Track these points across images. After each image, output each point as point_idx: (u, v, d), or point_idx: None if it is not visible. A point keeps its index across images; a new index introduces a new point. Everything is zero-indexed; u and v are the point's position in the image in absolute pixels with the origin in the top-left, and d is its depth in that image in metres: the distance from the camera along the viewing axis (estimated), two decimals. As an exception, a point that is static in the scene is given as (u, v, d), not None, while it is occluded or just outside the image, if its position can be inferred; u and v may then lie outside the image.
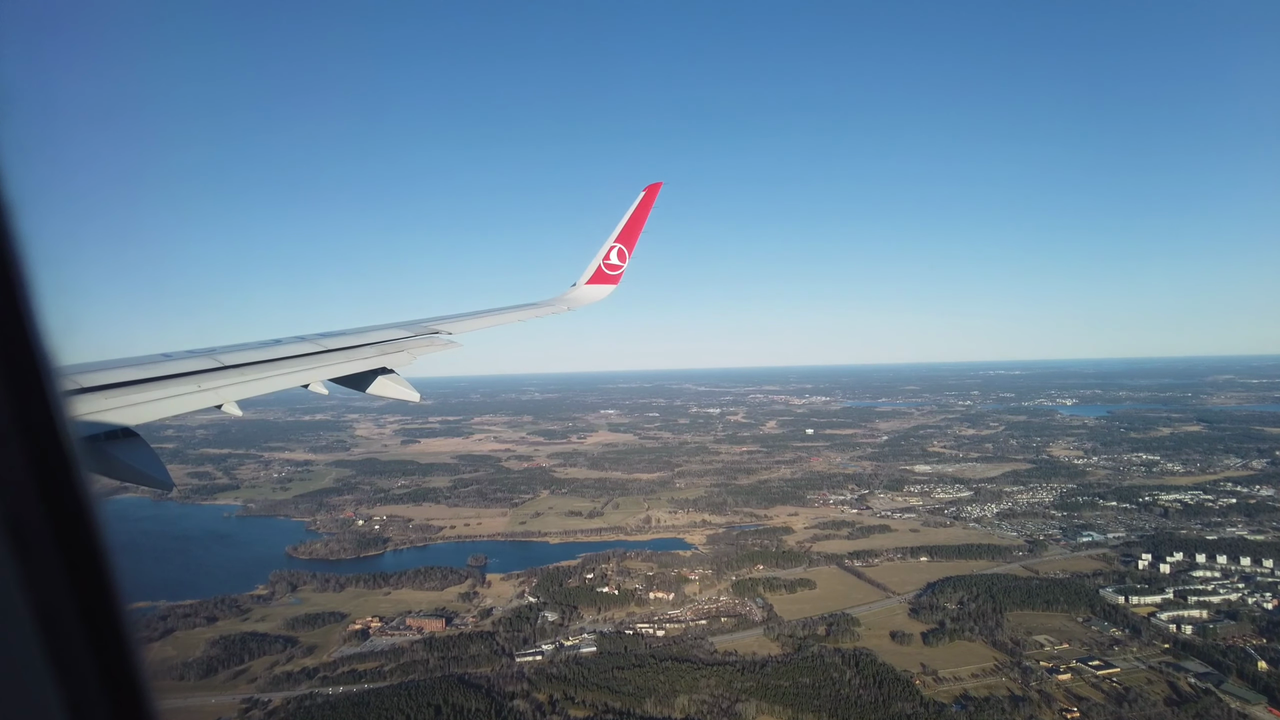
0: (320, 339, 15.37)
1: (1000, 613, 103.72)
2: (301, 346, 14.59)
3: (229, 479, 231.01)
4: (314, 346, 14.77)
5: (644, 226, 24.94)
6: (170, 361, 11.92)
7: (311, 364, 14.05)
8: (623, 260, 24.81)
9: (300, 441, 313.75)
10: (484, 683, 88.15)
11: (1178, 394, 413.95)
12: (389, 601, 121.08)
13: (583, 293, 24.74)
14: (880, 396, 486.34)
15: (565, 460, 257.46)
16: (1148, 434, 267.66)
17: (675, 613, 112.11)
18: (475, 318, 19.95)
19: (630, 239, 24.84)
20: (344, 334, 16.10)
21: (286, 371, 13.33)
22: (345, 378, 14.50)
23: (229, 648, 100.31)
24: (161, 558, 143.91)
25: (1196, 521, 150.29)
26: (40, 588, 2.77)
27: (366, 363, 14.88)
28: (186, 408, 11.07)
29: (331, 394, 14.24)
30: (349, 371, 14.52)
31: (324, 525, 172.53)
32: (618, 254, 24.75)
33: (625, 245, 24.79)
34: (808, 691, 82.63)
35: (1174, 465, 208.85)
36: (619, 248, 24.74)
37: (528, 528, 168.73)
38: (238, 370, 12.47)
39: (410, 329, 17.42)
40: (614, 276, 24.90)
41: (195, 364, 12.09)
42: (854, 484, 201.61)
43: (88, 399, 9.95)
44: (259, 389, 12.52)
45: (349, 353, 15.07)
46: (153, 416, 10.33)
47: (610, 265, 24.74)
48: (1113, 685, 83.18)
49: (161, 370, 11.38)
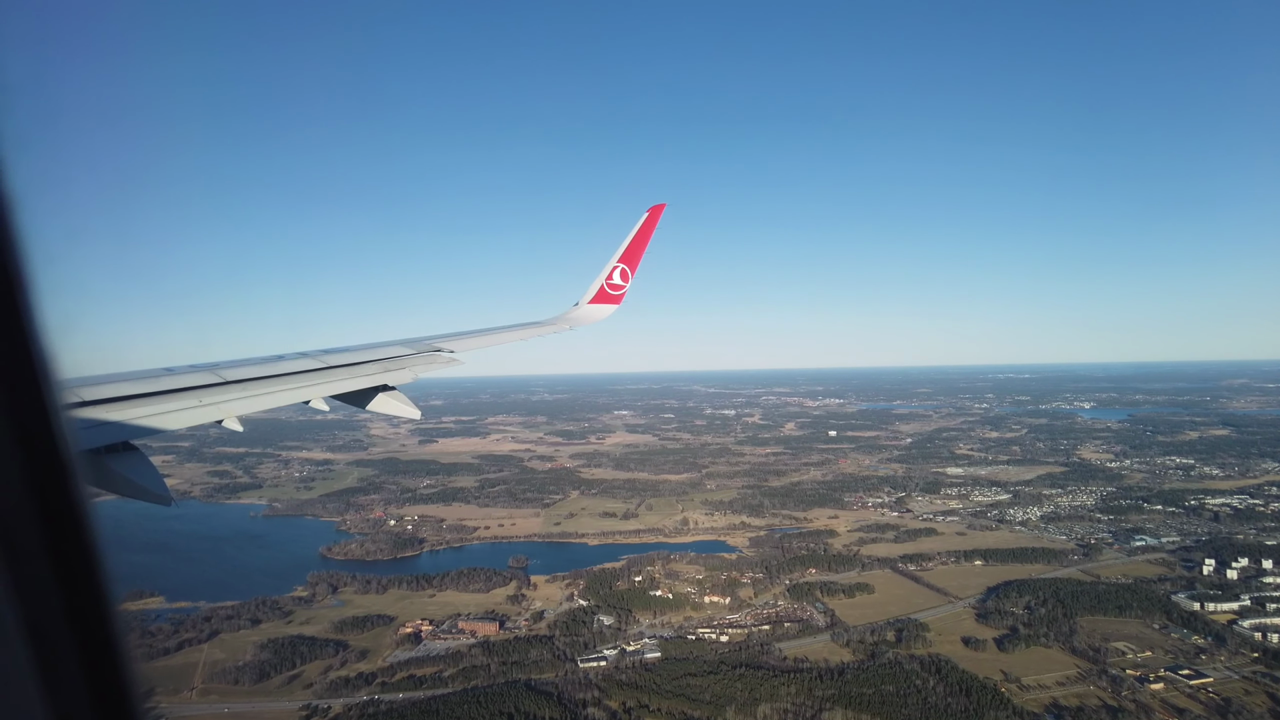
0: (323, 355, 15.27)
1: (1071, 618, 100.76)
2: (304, 363, 14.51)
3: (250, 478, 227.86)
4: (316, 363, 14.67)
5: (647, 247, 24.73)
6: (172, 376, 11.98)
7: (313, 380, 13.98)
8: (625, 280, 24.66)
9: (316, 441, 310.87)
10: (552, 689, 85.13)
11: (1195, 398, 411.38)
12: (435, 604, 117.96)
13: (585, 312, 24.54)
14: (894, 399, 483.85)
15: (589, 461, 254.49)
16: (1175, 437, 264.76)
17: (733, 617, 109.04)
18: (477, 336, 19.80)
19: (633, 259, 24.68)
20: (347, 350, 16.08)
21: (288, 388, 13.35)
22: (346, 394, 14.42)
23: (279, 651, 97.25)
24: (196, 559, 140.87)
25: (1250, 526, 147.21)
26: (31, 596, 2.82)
27: (368, 379, 14.80)
28: (187, 422, 11.11)
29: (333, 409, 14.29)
30: (351, 389, 14.42)
31: (355, 525, 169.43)
32: (620, 274, 24.56)
33: (628, 265, 24.64)
34: (893, 699, 79.66)
35: (1211, 469, 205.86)
36: (622, 268, 24.55)
37: (563, 529, 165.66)
38: (240, 385, 12.52)
39: (413, 346, 17.38)
40: (616, 296, 24.76)
41: (197, 379, 12.14)
42: (889, 486, 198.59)
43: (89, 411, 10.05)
44: (260, 405, 12.60)
45: (351, 369, 14.99)
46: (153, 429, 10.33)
47: (613, 285, 24.60)
48: (1209, 695, 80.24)
49: (163, 385, 11.46)
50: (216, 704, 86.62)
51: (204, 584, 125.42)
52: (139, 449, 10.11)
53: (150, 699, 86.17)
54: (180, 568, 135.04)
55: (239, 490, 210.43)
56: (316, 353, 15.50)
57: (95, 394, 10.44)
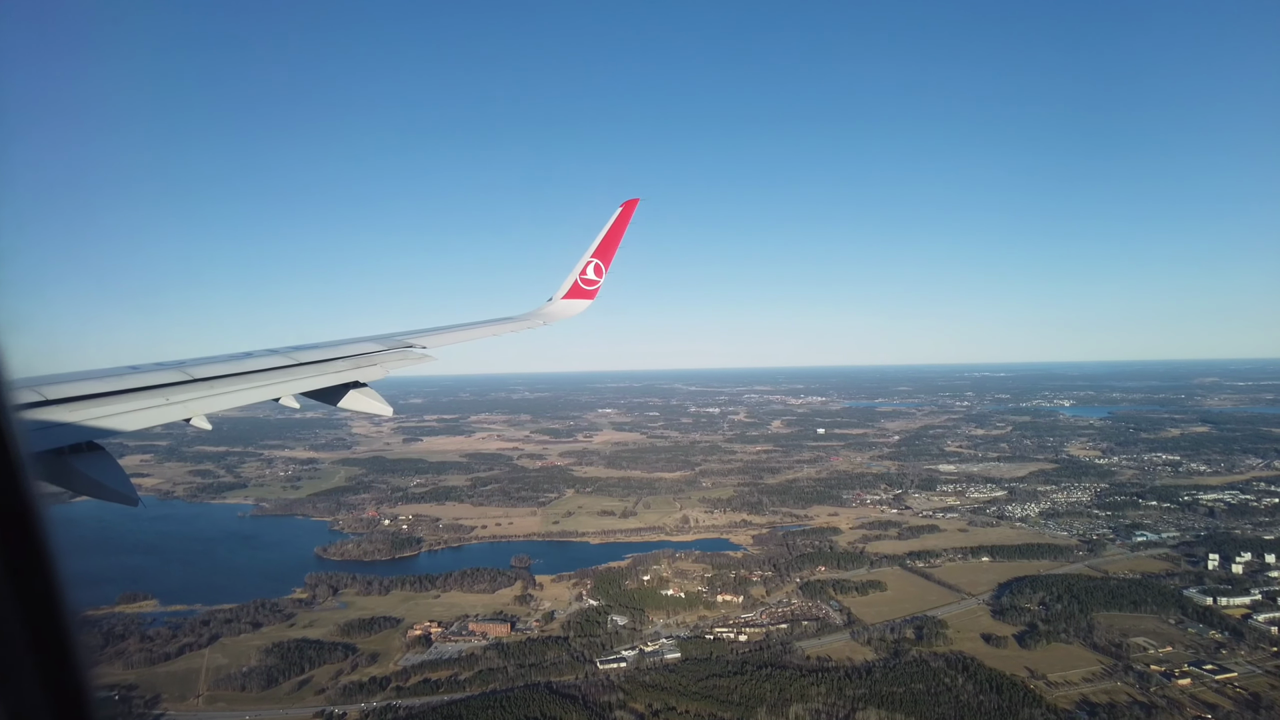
0: (292, 352, 15.01)
1: (1088, 614, 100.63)
2: (273, 360, 14.24)
3: (234, 477, 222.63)
4: (285, 360, 14.41)
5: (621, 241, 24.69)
6: (138, 374, 11.70)
7: (283, 377, 13.76)
8: (599, 275, 24.65)
9: (298, 439, 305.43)
10: (574, 692, 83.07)
11: (1170, 396, 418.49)
12: (440, 605, 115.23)
13: (559, 307, 24.44)
14: (876, 397, 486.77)
15: (579, 459, 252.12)
16: (1158, 435, 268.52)
17: (749, 616, 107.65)
18: (449, 332, 19.61)
19: (607, 254, 24.63)
20: (316, 347, 15.83)
21: (257, 385, 13.13)
22: (317, 391, 14.20)
23: (285, 656, 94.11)
24: (189, 560, 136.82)
25: (1245, 521, 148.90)
26: None
27: (339, 376, 14.59)
28: (153, 421, 10.88)
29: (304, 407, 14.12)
30: (321, 385, 14.18)
31: (349, 525, 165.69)
32: (594, 269, 24.54)
33: (602, 260, 24.60)
34: (924, 698, 78.67)
35: (1198, 465, 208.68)
36: (596, 263, 24.52)
37: (562, 528, 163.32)
38: (207, 384, 12.28)
39: (383, 342, 17.13)
40: (590, 291, 24.71)
41: (164, 377, 11.89)
42: (885, 484, 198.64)
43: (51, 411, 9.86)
44: (229, 402, 12.33)
45: (322, 366, 14.74)
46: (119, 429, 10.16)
47: (587, 280, 24.56)
48: (1236, 690, 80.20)
49: (128, 383, 11.21)
50: (225, 711, 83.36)
51: (199, 586, 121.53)
52: (104, 449, 9.95)
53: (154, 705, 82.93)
54: (173, 569, 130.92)
55: (224, 490, 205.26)
56: (286, 350, 15.24)
57: (57, 393, 10.23)
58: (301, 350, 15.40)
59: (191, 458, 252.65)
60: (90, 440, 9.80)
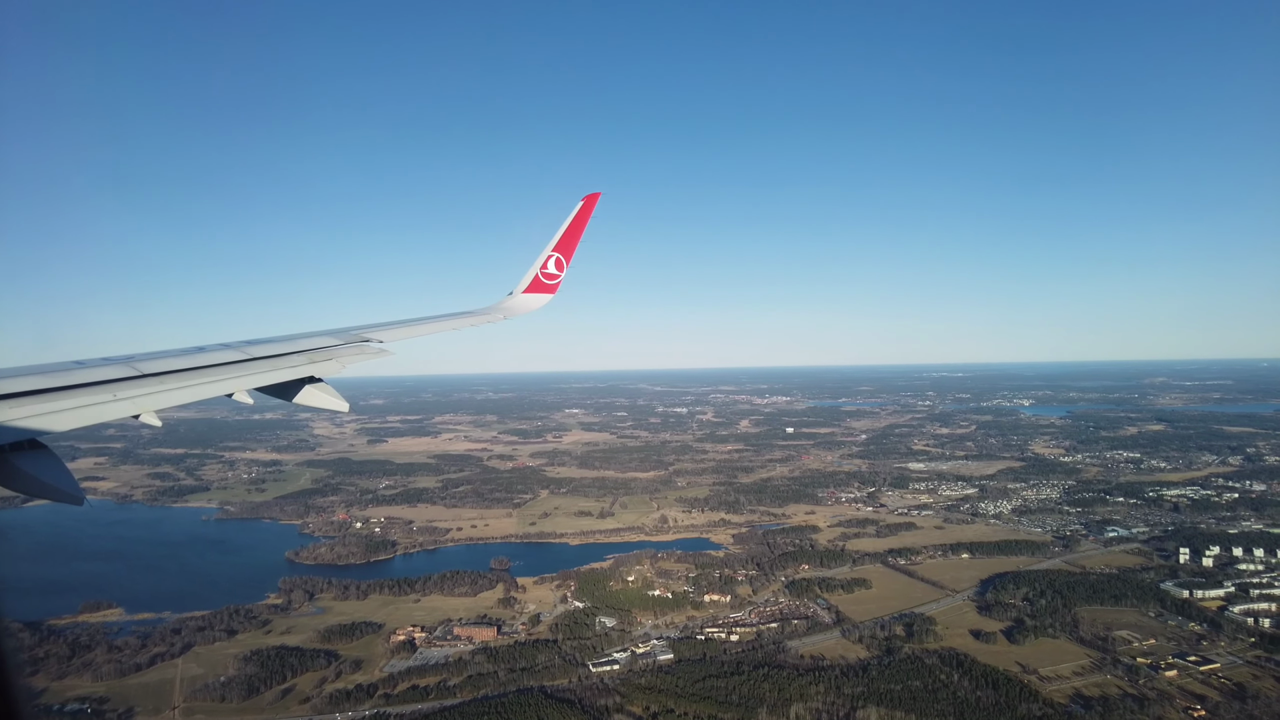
0: (246, 346, 14.73)
1: (1071, 609, 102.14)
2: (226, 354, 13.98)
3: (195, 480, 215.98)
4: (239, 354, 14.14)
5: (582, 236, 24.47)
6: (83, 369, 11.36)
7: (236, 372, 13.45)
8: (560, 269, 24.36)
9: (259, 441, 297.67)
10: (570, 695, 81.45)
11: (1125, 395, 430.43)
12: (421, 609, 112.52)
13: (520, 301, 24.08)
14: (839, 397, 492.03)
15: (551, 459, 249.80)
16: (1117, 433, 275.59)
17: (737, 616, 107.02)
18: (407, 326, 19.26)
19: (568, 248, 24.34)
20: (271, 341, 15.52)
21: (210, 380, 12.82)
22: (272, 387, 13.91)
23: (265, 664, 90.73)
24: (154, 566, 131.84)
25: (1209, 516, 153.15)
26: None
27: (294, 371, 14.31)
28: (101, 418, 10.58)
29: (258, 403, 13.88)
30: (276, 380, 13.90)
31: (319, 528, 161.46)
32: (555, 263, 24.22)
33: (563, 254, 24.29)
34: (922, 695, 78.71)
35: (1158, 462, 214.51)
36: (557, 256, 24.21)
37: (539, 529, 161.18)
38: (157, 379, 11.96)
39: (340, 337, 16.83)
40: (552, 285, 24.42)
41: (111, 372, 11.58)
42: (858, 482, 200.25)
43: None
44: (181, 398, 11.99)
45: (276, 361, 14.46)
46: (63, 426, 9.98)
47: (548, 274, 24.23)
48: (1221, 681, 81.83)
49: (74, 379, 10.90)
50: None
51: (166, 593, 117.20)
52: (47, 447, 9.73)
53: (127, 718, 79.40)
54: (137, 576, 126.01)
55: (185, 493, 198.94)
56: (239, 344, 14.90)
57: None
58: (256, 345, 15.07)
59: (149, 460, 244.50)
60: (32, 438, 9.49)
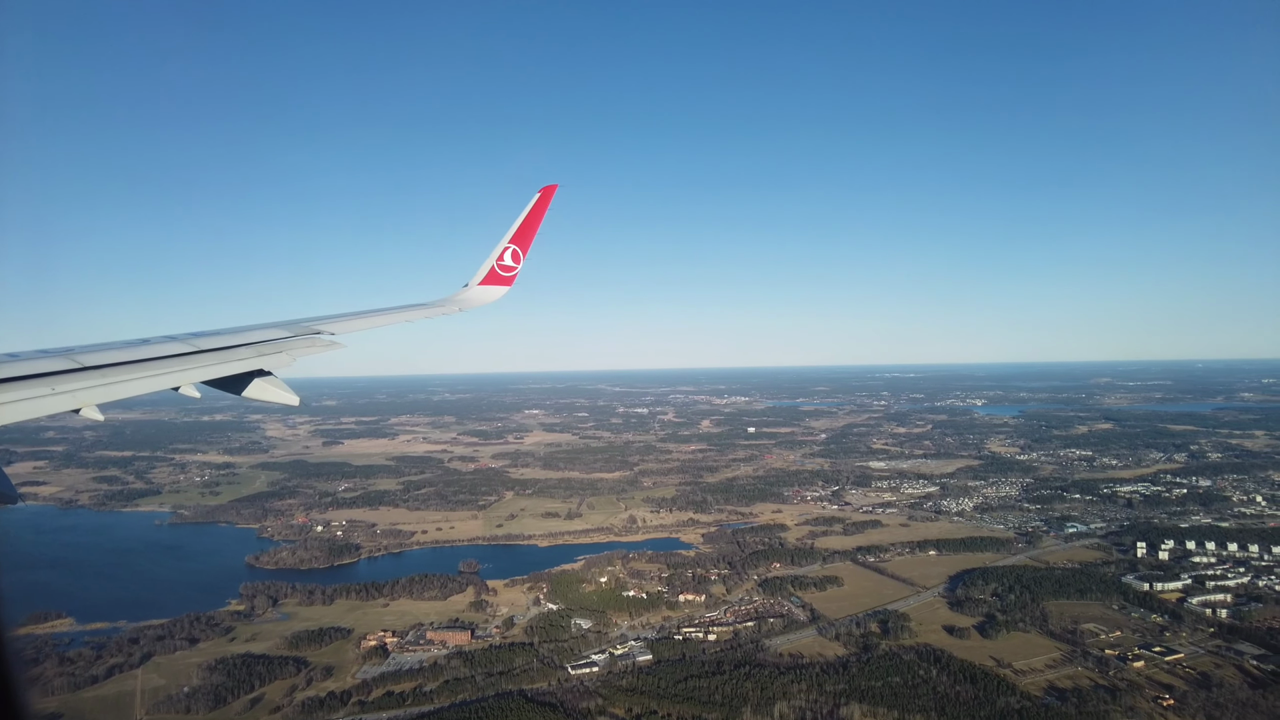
0: (192, 339, 14.41)
1: (1039, 603, 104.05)
2: (171, 346, 13.63)
3: (144, 483, 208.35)
4: (185, 347, 13.79)
5: (539, 228, 24.38)
6: (18, 362, 10.95)
7: (182, 365, 13.08)
8: (517, 261, 24.28)
9: (210, 443, 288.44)
10: (551, 699, 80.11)
11: (1073, 395, 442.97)
12: (391, 614, 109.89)
13: (475, 294, 23.94)
14: (797, 397, 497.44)
15: (514, 461, 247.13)
16: (1069, 432, 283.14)
17: (713, 615, 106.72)
18: (360, 318, 18.96)
19: (525, 240, 24.23)
20: (218, 334, 15.21)
21: (154, 373, 12.40)
22: (219, 380, 13.61)
23: (231, 673, 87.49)
24: (106, 574, 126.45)
25: (1161, 511, 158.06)
26: None
27: (243, 364, 14.03)
28: (37, 412, 10.14)
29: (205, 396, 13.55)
30: (223, 374, 13.63)
31: (279, 532, 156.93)
32: (512, 255, 24.13)
33: (520, 246, 24.21)
34: (903, 691, 79.26)
35: (1109, 460, 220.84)
36: (513, 249, 24.12)
37: (507, 530, 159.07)
38: (99, 372, 11.54)
39: (289, 329, 16.54)
40: (508, 278, 24.30)
41: (48, 364, 11.14)
42: (822, 480, 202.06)
43: None
44: (123, 391, 11.56)
45: (224, 353, 14.18)
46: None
47: (504, 266, 24.13)
48: (1186, 671, 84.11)
49: (7, 371, 10.51)
50: None
51: (120, 602, 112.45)
52: None
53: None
54: (88, 585, 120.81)
55: (134, 497, 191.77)
56: (185, 336, 14.58)
57: None
58: (202, 337, 14.69)
59: (93, 463, 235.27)
60: None
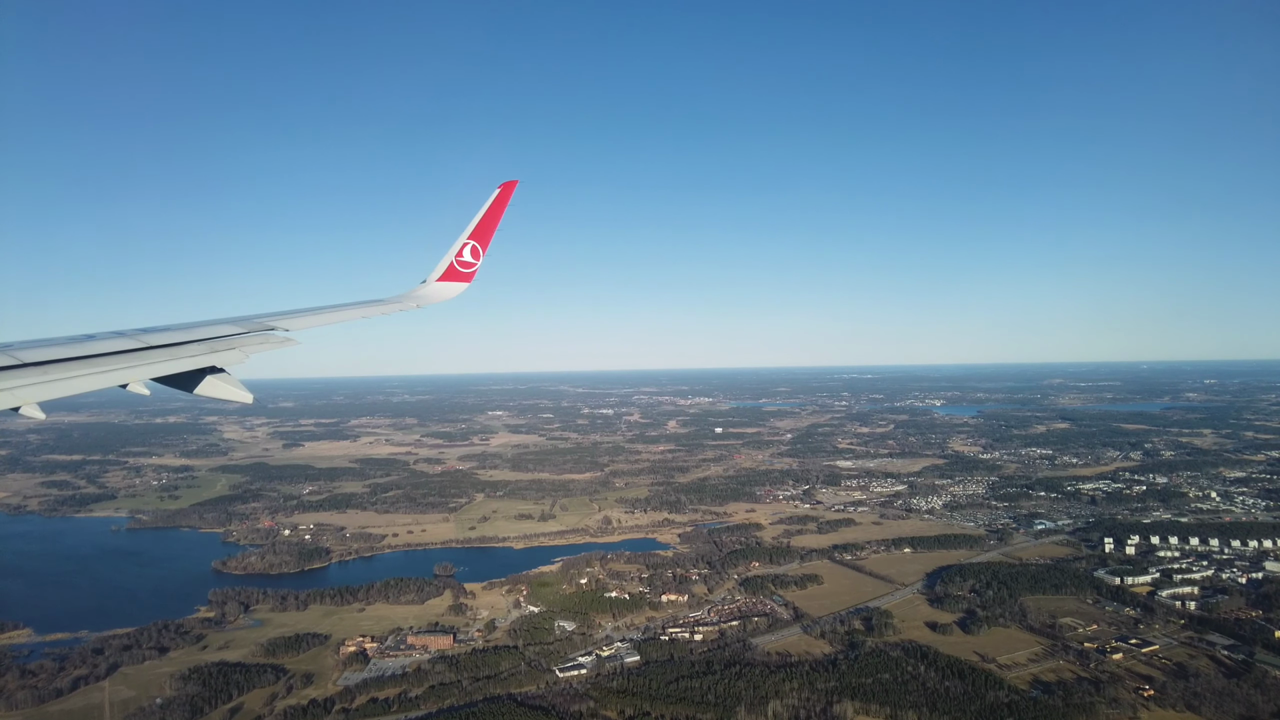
0: (141, 334, 14.00)
1: (1016, 599, 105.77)
2: (118, 343, 13.23)
3: (97, 488, 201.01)
4: (134, 343, 13.39)
5: (499, 224, 24.23)
6: None
7: (130, 361, 12.70)
8: (476, 257, 24.05)
9: (165, 446, 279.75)
10: (539, 702, 78.72)
11: (1028, 396, 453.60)
12: (368, 619, 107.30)
13: (433, 290, 23.63)
14: (760, 397, 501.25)
15: (481, 463, 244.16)
16: (1028, 431, 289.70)
17: (696, 615, 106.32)
18: (315, 314, 18.62)
19: (485, 236, 23.97)
20: (168, 330, 14.84)
21: (100, 370, 11.95)
22: (170, 377, 13.26)
23: (206, 682, 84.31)
24: (62, 581, 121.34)
25: (1123, 508, 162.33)
26: None
27: (194, 361, 13.66)
28: None
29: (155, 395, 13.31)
30: (174, 370, 13.23)
31: (244, 536, 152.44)
32: (471, 251, 23.88)
33: (479, 242, 23.92)
34: (893, 688, 79.63)
35: (1070, 458, 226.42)
36: (473, 244, 23.87)
37: (480, 533, 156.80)
38: (40, 368, 11.14)
39: (242, 325, 16.20)
40: (467, 274, 24.05)
41: None
42: (792, 480, 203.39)
43: None
44: (67, 389, 11.12)
45: (174, 350, 13.77)
46: None
47: (463, 263, 23.85)
48: (1163, 662, 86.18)
49: None
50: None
51: (81, 611, 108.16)
52: None
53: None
54: (44, 593, 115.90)
55: (87, 502, 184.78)
56: (134, 332, 14.14)
57: None
58: (151, 333, 14.21)
59: (41, 468, 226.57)
60: None
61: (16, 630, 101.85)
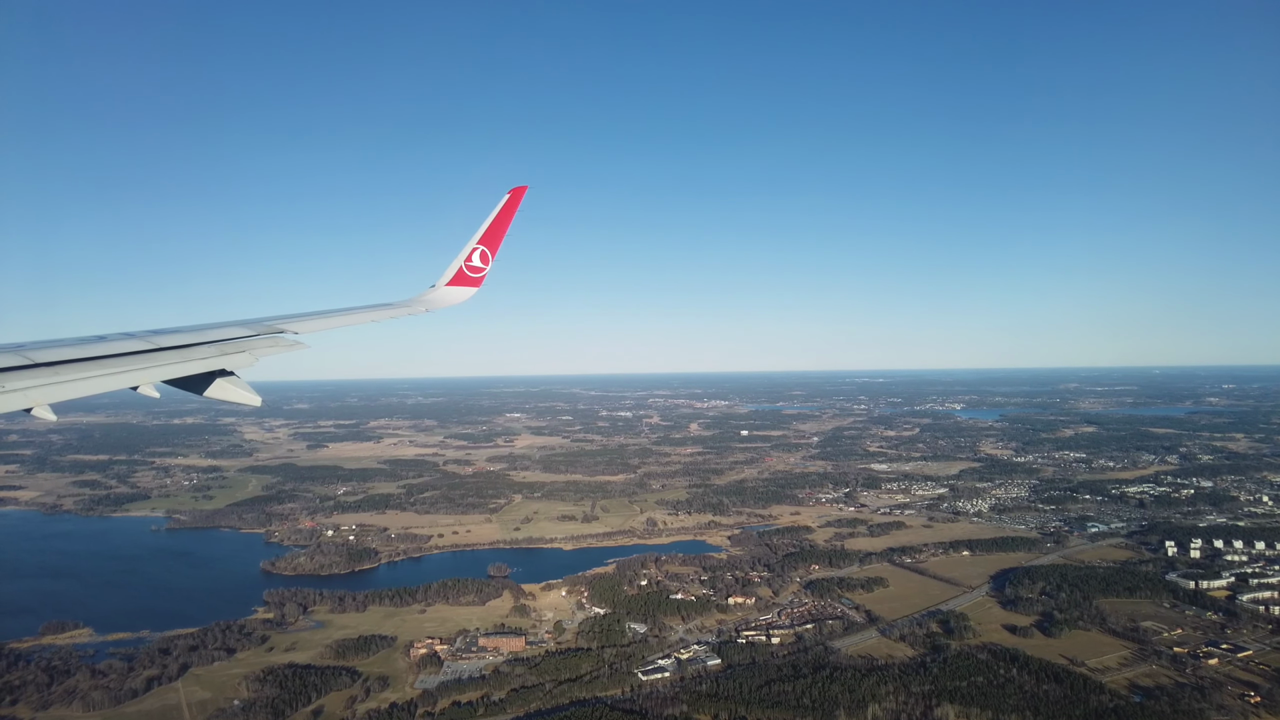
0: (151, 336, 13.91)
1: (1090, 602, 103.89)
2: (129, 344, 13.10)
3: (129, 488, 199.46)
4: (144, 344, 13.28)
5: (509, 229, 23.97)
6: None
7: (141, 364, 12.59)
8: (485, 262, 23.90)
9: (188, 446, 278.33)
10: (630, 706, 76.98)
11: (1046, 400, 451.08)
12: (431, 620, 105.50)
13: (442, 294, 23.53)
14: (776, 401, 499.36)
15: (511, 464, 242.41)
16: (1056, 434, 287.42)
17: (767, 618, 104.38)
18: (324, 317, 18.48)
19: (494, 241, 23.80)
20: (179, 332, 14.74)
21: (111, 371, 11.87)
22: (180, 379, 13.17)
23: (283, 684, 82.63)
24: (114, 582, 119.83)
25: (1174, 511, 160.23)
26: None
27: (204, 363, 13.57)
28: None
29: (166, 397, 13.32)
30: (185, 373, 13.16)
31: (287, 537, 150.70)
32: (480, 256, 23.73)
33: (488, 247, 23.77)
34: (991, 691, 77.73)
35: (1105, 462, 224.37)
36: (482, 249, 23.72)
37: (525, 534, 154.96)
38: (51, 369, 11.05)
39: (252, 328, 16.10)
40: (476, 279, 23.92)
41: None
42: (830, 483, 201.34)
43: None
44: (78, 390, 11.07)
45: (184, 351, 13.70)
46: None
47: (472, 267, 23.72)
48: (1261, 668, 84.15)
49: None
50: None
51: (137, 611, 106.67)
52: None
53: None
54: (98, 593, 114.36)
55: (122, 501, 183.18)
56: (144, 333, 14.03)
57: None
58: (161, 335, 14.09)
59: (69, 467, 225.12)
60: None
61: (77, 630, 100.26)
